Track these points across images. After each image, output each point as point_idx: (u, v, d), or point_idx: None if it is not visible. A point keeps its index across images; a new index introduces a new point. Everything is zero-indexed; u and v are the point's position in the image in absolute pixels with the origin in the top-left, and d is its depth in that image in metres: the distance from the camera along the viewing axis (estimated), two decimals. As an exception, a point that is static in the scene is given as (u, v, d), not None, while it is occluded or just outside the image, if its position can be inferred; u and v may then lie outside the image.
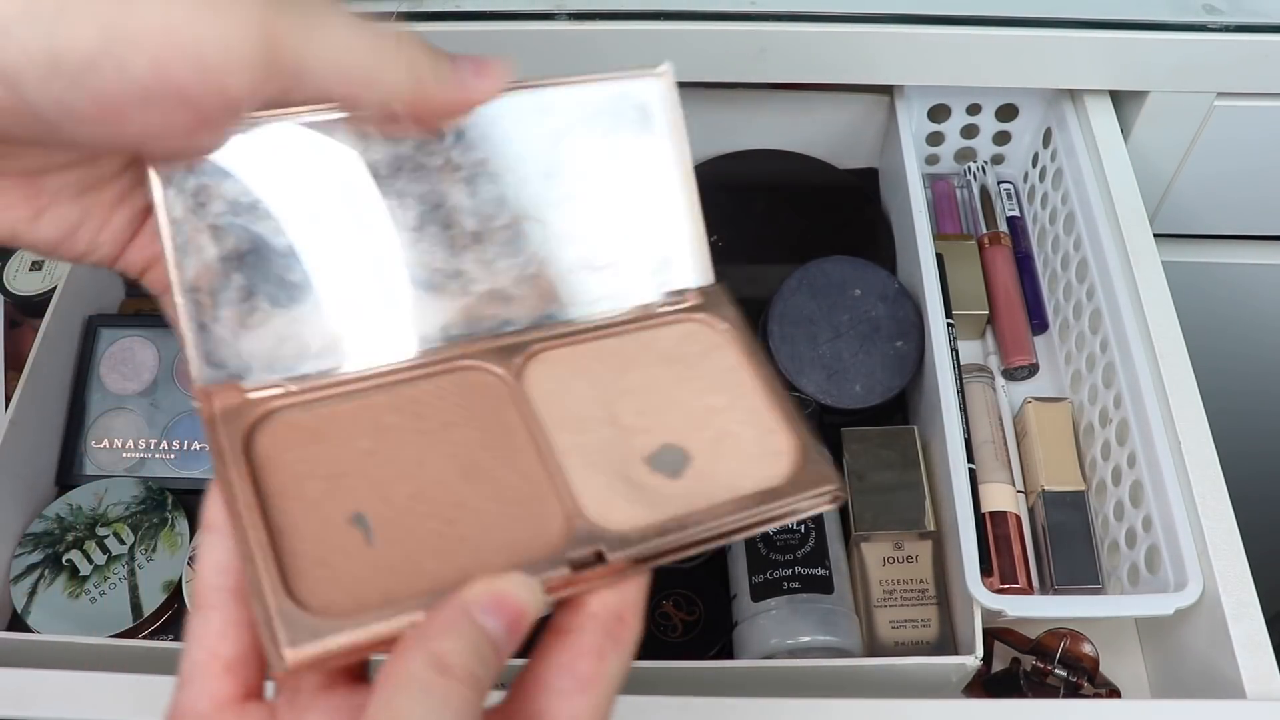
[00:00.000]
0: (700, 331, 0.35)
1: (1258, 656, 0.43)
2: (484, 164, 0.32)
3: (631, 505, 0.30)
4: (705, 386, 0.34)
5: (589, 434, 0.32)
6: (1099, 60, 0.59)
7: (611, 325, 0.34)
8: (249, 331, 0.30)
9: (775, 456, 0.32)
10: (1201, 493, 0.47)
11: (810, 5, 0.58)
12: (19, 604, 0.56)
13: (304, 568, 0.27)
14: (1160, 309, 0.53)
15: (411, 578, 0.28)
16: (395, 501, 0.29)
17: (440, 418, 0.31)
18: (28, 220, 0.28)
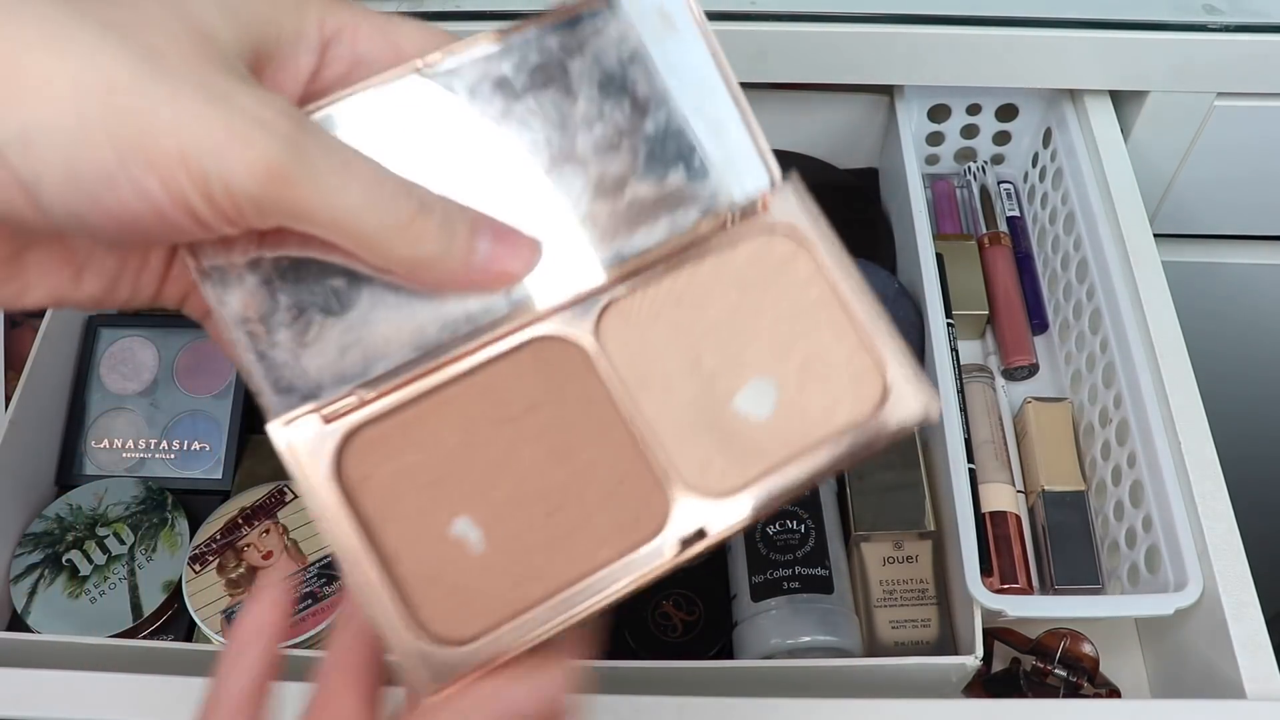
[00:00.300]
0: (774, 244, 0.32)
1: (1258, 656, 0.43)
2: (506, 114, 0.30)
3: (728, 461, 0.30)
4: (785, 308, 0.32)
5: (674, 389, 0.31)
6: (1099, 60, 0.59)
7: (680, 252, 0.31)
8: (309, 349, 0.29)
9: (864, 377, 0.31)
10: (1201, 493, 0.47)
11: (810, 5, 0.58)
12: (19, 604, 0.56)
13: (421, 590, 0.27)
14: (1160, 309, 0.53)
15: (525, 580, 0.28)
16: (494, 500, 0.29)
17: (523, 401, 0.30)
18: (70, 282, 0.28)
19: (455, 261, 0.28)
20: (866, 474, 0.55)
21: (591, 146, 0.31)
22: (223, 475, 0.62)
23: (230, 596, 0.54)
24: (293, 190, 0.25)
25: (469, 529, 0.28)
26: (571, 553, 0.28)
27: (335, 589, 0.55)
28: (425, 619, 0.27)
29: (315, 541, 0.56)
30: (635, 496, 0.29)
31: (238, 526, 0.57)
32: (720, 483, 0.30)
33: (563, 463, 0.29)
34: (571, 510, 0.29)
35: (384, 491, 0.28)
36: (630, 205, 0.31)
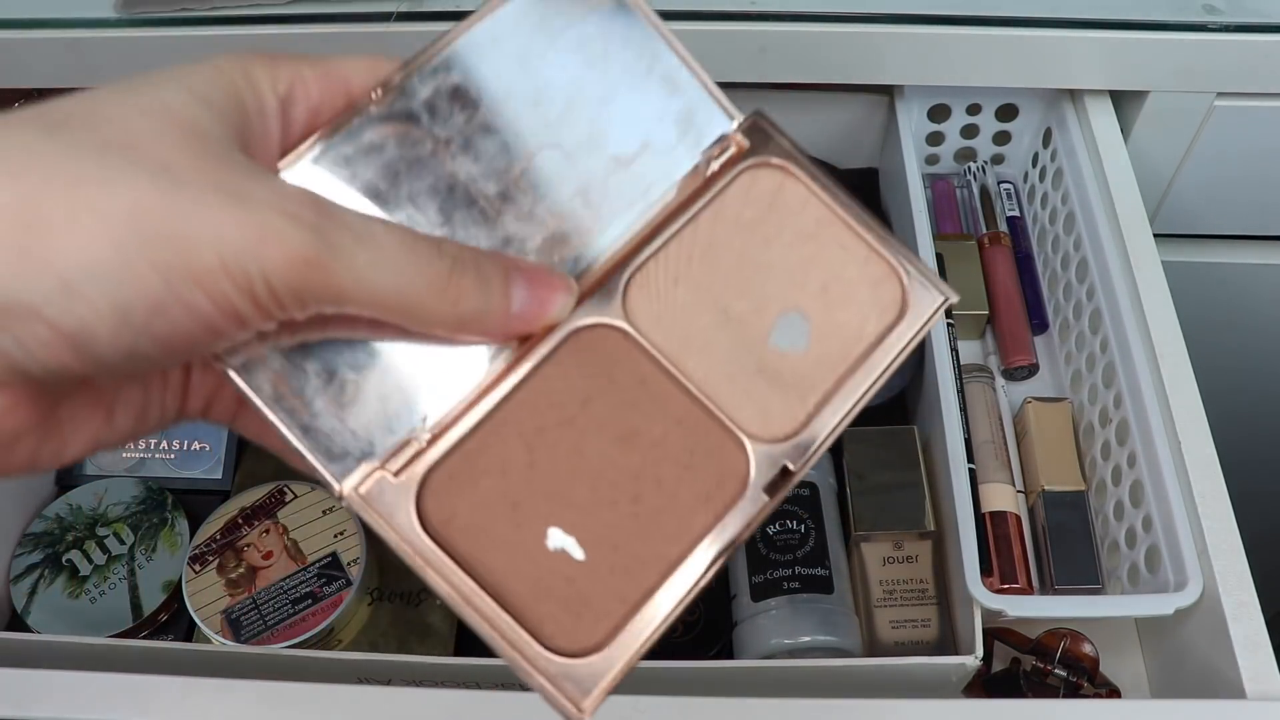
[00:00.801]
0: (758, 177, 0.33)
1: (1258, 656, 0.43)
2: (470, 123, 0.30)
3: (784, 401, 0.31)
4: (789, 237, 0.33)
5: (712, 346, 0.31)
6: (1099, 60, 0.59)
7: (676, 210, 0.32)
8: (350, 409, 0.29)
9: (882, 283, 0.32)
10: (1201, 493, 0.47)
11: (810, 5, 0.58)
12: (19, 604, 0.56)
13: (538, 612, 0.28)
14: (1160, 309, 0.53)
15: (634, 570, 0.28)
16: (578, 504, 0.29)
17: (576, 398, 0.30)
18: (104, 425, 0.28)
19: (495, 315, 0.28)
20: (866, 474, 0.55)
21: (561, 131, 0.31)
22: (223, 475, 0.62)
23: (230, 596, 0.54)
24: (329, 276, 0.25)
25: (563, 539, 0.29)
26: (668, 532, 0.29)
27: (335, 589, 0.55)
28: (549, 637, 0.27)
29: (315, 541, 0.56)
30: (711, 460, 0.30)
31: (238, 526, 0.57)
32: (785, 424, 0.31)
33: (632, 448, 0.30)
34: (654, 492, 0.29)
35: (471, 527, 0.28)
36: (614, 180, 0.32)
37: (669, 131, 0.32)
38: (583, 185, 0.32)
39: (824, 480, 0.55)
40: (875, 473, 0.55)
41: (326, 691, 0.40)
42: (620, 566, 0.28)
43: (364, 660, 0.47)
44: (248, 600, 0.54)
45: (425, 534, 0.28)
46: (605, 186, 0.32)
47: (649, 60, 0.32)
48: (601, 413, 0.30)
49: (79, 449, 0.28)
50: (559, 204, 0.31)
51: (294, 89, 0.28)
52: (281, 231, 0.24)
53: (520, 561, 0.28)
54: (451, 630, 0.56)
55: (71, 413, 0.27)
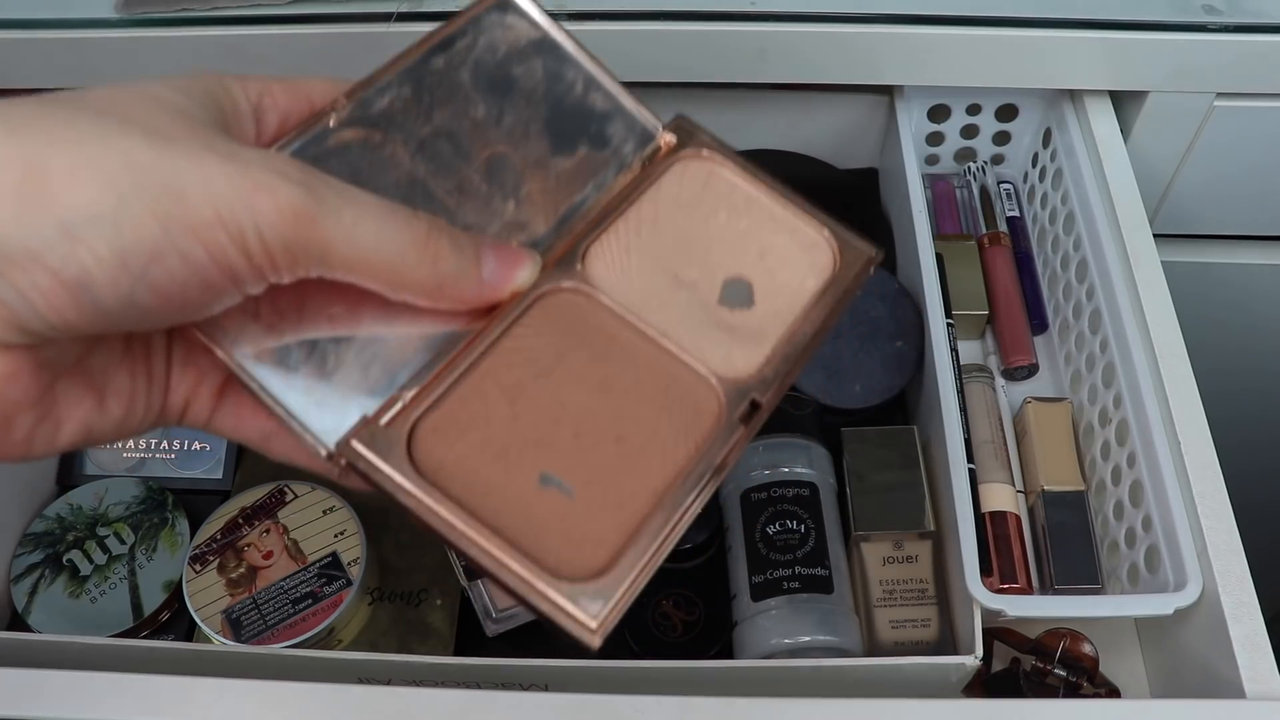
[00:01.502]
0: (689, 167, 0.37)
1: (1257, 657, 0.43)
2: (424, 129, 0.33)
3: (743, 348, 0.34)
4: (725, 214, 0.36)
5: (670, 302, 0.34)
6: (1098, 60, 0.59)
7: (617, 196, 0.35)
8: (333, 377, 0.30)
9: (815, 247, 0.36)
10: (1201, 493, 0.47)
11: (810, 5, 0.58)
12: (20, 604, 0.57)
13: (539, 545, 0.29)
14: (1160, 309, 0.53)
15: (627, 503, 0.30)
16: (564, 448, 0.30)
17: (550, 353, 0.32)
18: (96, 410, 0.29)
19: (470, 279, 0.30)
20: (866, 474, 0.55)
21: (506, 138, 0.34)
22: (223, 475, 0.62)
23: (231, 596, 0.55)
24: (318, 230, 0.26)
25: (553, 480, 0.30)
26: (653, 465, 0.31)
27: (335, 589, 0.55)
28: (553, 567, 0.28)
29: (315, 541, 0.56)
30: (684, 397, 0.32)
31: (238, 526, 0.57)
32: (746, 366, 0.33)
33: (609, 394, 0.32)
34: (635, 430, 0.31)
35: (463, 472, 0.30)
36: (557, 179, 0.35)
37: (604, 140, 0.36)
38: (531, 181, 0.34)
39: (824, 480, 0.55)
40: (875, 473, 0.55)
41: (327, 691, 0.41)
42: (612, 502, 0.30)
43: (364, 660, 0.47)
44: (248, 600, 0.54)
45: (421, 479, 0.29)
46: (552, 181, 0.35)
47: (583, 84, 0.36)
48: (576, 366, 0.32)
49: (71, 433, 0.28)
50: (512, 196, 0.34)
51: (264, 99, 0.30)
52: (273, 185, 0.25)
53: (514, 503, 0.29)
54: (452, 630, 0.56)
55: (66, 393, 0.28)
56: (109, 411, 0.29)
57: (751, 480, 0.54)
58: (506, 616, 0.54)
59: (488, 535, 0.28)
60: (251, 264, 0.26)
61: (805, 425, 0.56)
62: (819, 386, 0.58)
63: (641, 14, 0.57)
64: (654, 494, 0.30)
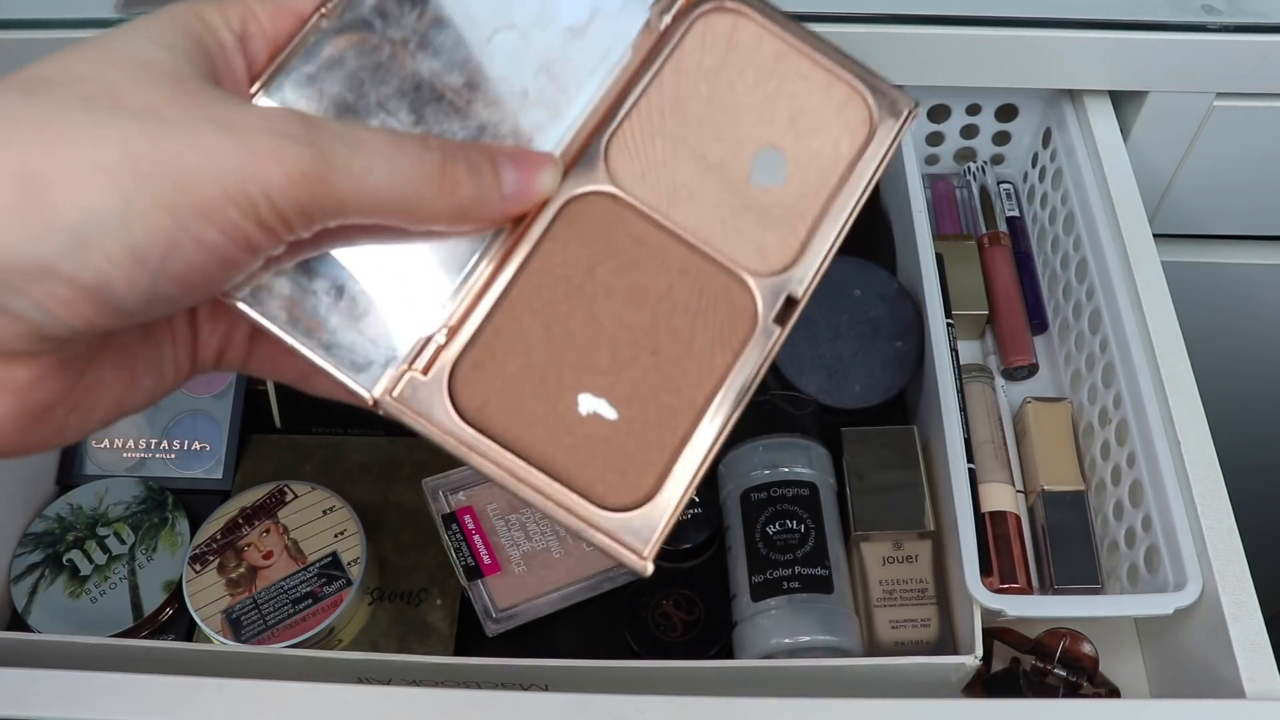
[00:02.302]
0: (711, 23, 0.34)
1: (1257, 656, 0.43)
2: (422, 19, 0.31)
3: (776, 232, 0.32)
4: (751, 77, 0.34)
5: (698, 194, 0.32)
6: (1098, 60, 0.59)
7: (638, 71, 0.33)
8: (364, 320, 0.29)
9: (847, 104, 0.34)
10: (1201, 492, 0.47)
11: (810, 5, 0.58)
12: (20, 604, 0.57)
13: (585, 475, 0.29)
14: (1160, 309, 0.53)
15: (670, 420, 0.30)
16: (601, 366, 0.30)
17: (580, 267, 0.31)
18: (128, 386, 0.28)
19: (492, 199, 0.29)
20: (866, 474, 0.55)
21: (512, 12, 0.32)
22: (223, 475, 0.62)
23: (231, 596, 0.55)
24: (330, 187, 0.25)
25: (594, 403, 0.30)
26: (692, 376, 0.30)
27: (336, 588, 0.55)
28: (600, 497, 0.29)
29: (315, 541, 0.56)
30: (718, 303, 0.31)
31: (238, 526, 0.57)
32: (781, 256, 0.32)
33: (642, 304, 0.31)
34: (671, 342, 0.31)
35: (505, 408, 0.30)
36: (571, 49, 0.33)
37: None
38: (543, 61, 0.32)
39: (824, 480, 0.55)
40: (875, 473, 0.55)
41: (327, 691, 0.41)
42: (653, 418, 0.30)
43: (364, 660, 0.47)
44: (248, 600, 0.54)
45: (465, 424, 0.29)
46: (565, 58, 0.33)
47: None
48: (606, 276, 0.31)
49: (104, 415, 0.28)
50: (524, 84, 0.32)
51: (247, 24, 0.29)
52: (276, 151, 0.24)
53: (558, 432, 0.29)
54: (452, 630, 0.56)
55: (98, 378, 0.27)
56: (140, 385, 0.28)
57: (751, 480, 0.54)
58: (506, 616, 0.54)
59: (536, 476, 0.29)
60: (268, 232, 0.25)
61: (805, 425, 0.56)
62: (819, 386, 0.58)
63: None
64: (695, 407, 0.30)
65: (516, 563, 0.55)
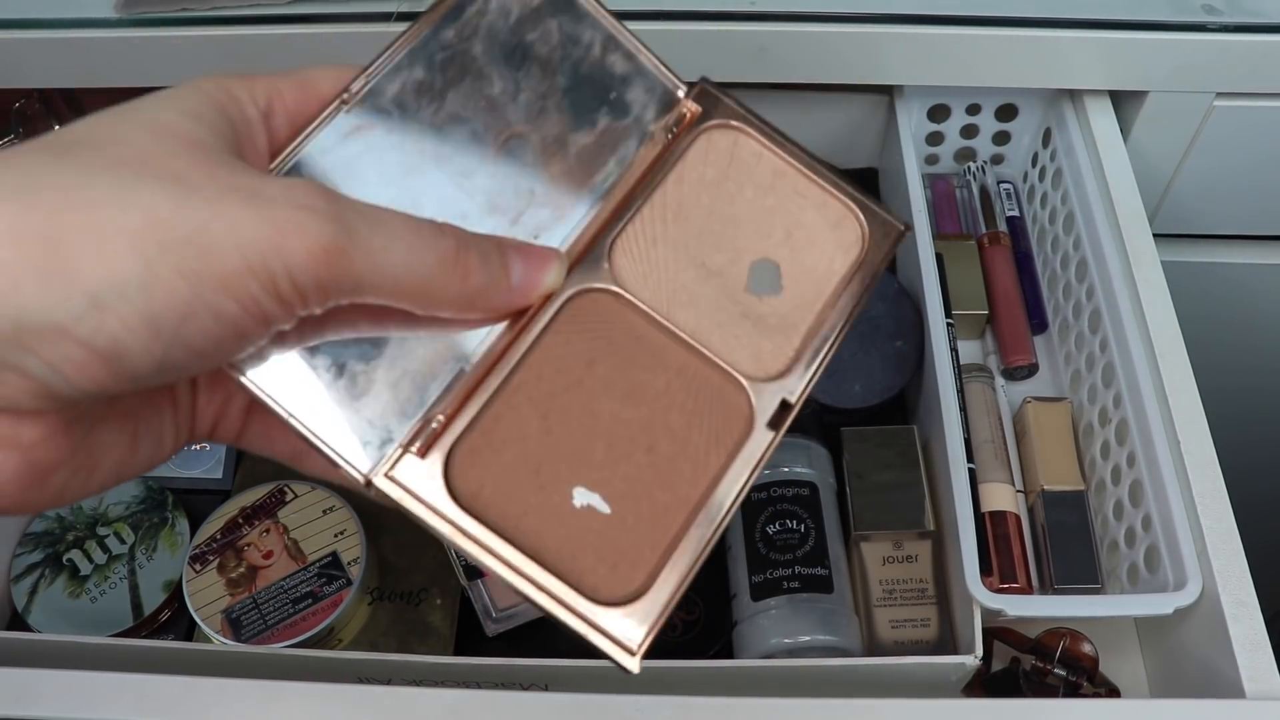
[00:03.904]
0: (714, 139, 0.36)
1: (1257, 656, 0.43)
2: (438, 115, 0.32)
3: (771, 340, 0.33)
4: (751, 191, 0.35)
5: (698, 298, 0.33)
6: (1098, 60, 0.59)
7: (642, 179, 0.34)
8: (364, 399, 0.29)
9: (842, 223, 0.35)
10: (1201, 492, 0.47)
11: (810, 5, 0.58)
12: (20, 603, 0.57)
13: (576, 568, 0.29)
14: (1160, 309, 0.53)
15: (663, 517, 0.30)
16: (596, 461, 0.30)
17: (580, 361, 0.32)
18: (129, 450, 0.28)
19: (500, 289, 0.29)
20: (866, 474, 0.55)
21: (523, 117, 0.33)
22: (223, 475, 0.62)
23: (231, 596, 0.55)
24: (349, 263, 0.25)
25: (588, 496, 0.30)
26: (685, 476, 0.31)
27: (335, 588, 0.55)
28: (592, 589, 0.29)
29: (315, 541, 0.56)
30: (714, 404, 0.32)
31: (238, 526, 0.57)
32: (776, 362, 0.33)
33: (639, 401, 0.31)
34: (667, 440, 0.31)
35: (499, 496, 0.29)
36: (579, 156, 0.34)
37: (625, 108, 0.35)
38: (552, 166, 0.33)
39: (824, 480, 0.55)
40: (875, 472, 0.55)
41: (327, 691, 0.41)
42: (645, 515, 0.30)
43: (364, 660, 0.47)
44: (248, 600, 0.54)
45: (461, 510, 0.29)
46: (573, 164, 0.33)
47: (601, 45, 0.34)
48: (606, 372, 0.32)
49: (104, 479, 0.28)
50: (531, 185, 0.33)
51: (271, 101, 0.29)
52: (301, 225, 0.24)
53: (551, 523, 0.29)
54: (451, 630, 0.56)
55: (102, 440, 0.27)
56: (141, 450, 0.28)
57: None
58: (506, 616, 0.54)
59: (528, 564, 0.28)
60: (284, 306, 0.25)
61: (805, 425, 0.56)
62: (819, 386, 0.58)
63: (642, 14, 0.57)
64: (687, 506, 0.30)
65: (516, 562, 0.55)
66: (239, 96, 0.28)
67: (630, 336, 0.32)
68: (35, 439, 0.25)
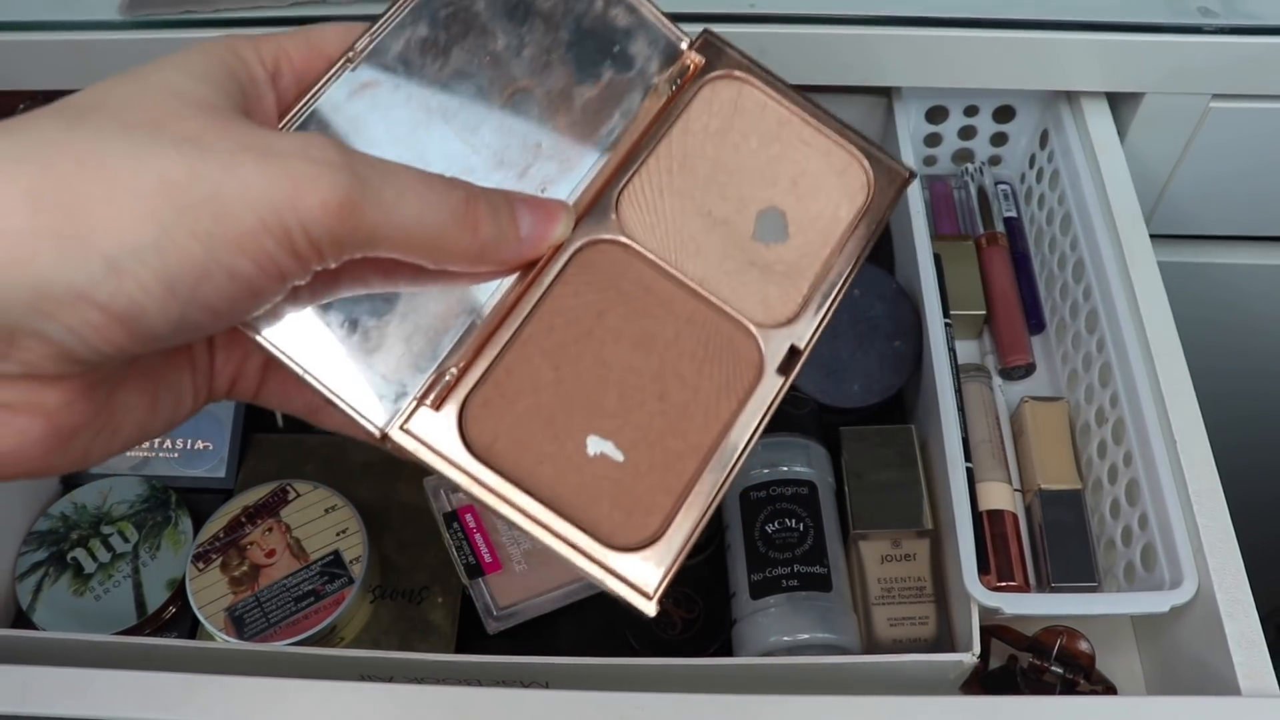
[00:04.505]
0: (717, 89, 0.36)
1: (1252, 654, 0.43)
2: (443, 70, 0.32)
3: (779, 287, 0.33)
4: (756, 140, 0.35)
5: (705, 247, 0.34)
6: (1095, 62, 0.59)
7: (647, 131, 0.35)
8: (378, 354, 0.30)
9: (847, 170, 0.35)
10: (1197, 491, 0.48)
11: (810, 6, 0.58)
12: (24, 601, 0.57)
13: (592, 515, 0.29)
14: (1156, 309, 0.53)
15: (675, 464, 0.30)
16: (610, 409, 0.31)
17: (590, 312, 0.32)
18: (149, 411, 0.28)
19: (509, 241, 0.29)
20: (865, 473, 0.55)
21: (528, 71, 0.33)
22: (226, 474, 0.62)
23: (233, 595, 0.55)
24: (363, 216, 0.25)
25: (601, 444, 0.30)
26: (697, 422, 0.31)
27: (338, 587, 0.55)
28: (608, 536, 0.29)
29: (317, 540, 0.57)
30: (724, 351, 0.32)
31: (241, 525, 0.57)
32: (784, 309, 0.33)
33: (650, 350, 0.32)
34: (677, 387, 0.31)
35: (514, 445, 0.30)
36: (583, 110, 0.34)
37: (629, 61, 0.35)
38: (557, 119, 0.33)
39: (822, 479, 0.55)
40: (873, 471, 0.55)
41: (329, 689, 0.41)
42: (659, 462, 0.30)
43: (366, 658, 0.47)
44: (251, 598, 0.55)
45: (476, 460, 0.29)
46: (579, 118, 0.34)
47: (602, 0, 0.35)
48: (616, 322, 0.32)
49: (126, 439, 0.28)
50: (538, 138, 0.33)
51: (279, 62, 0.30)
52: (315, 178, 0.25)
53: (565, 471, 0.30)
54: (453, 628, 0.57)
55: (123, 402, 0.28)
56: (160, 411, 0.29)
57: (750, 479, 0.55)
58: (507, 614, 0.54)
59: (544, 512, 0.29)
60: (299, 261, 0.25)
61: (804, 424, 0.56)
62: (818, 386, 0.58)
63: (641, 16, 0.58)
64: (700, 452, 0.31)
65: (517, 561, 0.55)
66: (246, 58, 0.29)
67: (639, 286, 0.33)
68: (58, 403, 0.25)
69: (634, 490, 0.30)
